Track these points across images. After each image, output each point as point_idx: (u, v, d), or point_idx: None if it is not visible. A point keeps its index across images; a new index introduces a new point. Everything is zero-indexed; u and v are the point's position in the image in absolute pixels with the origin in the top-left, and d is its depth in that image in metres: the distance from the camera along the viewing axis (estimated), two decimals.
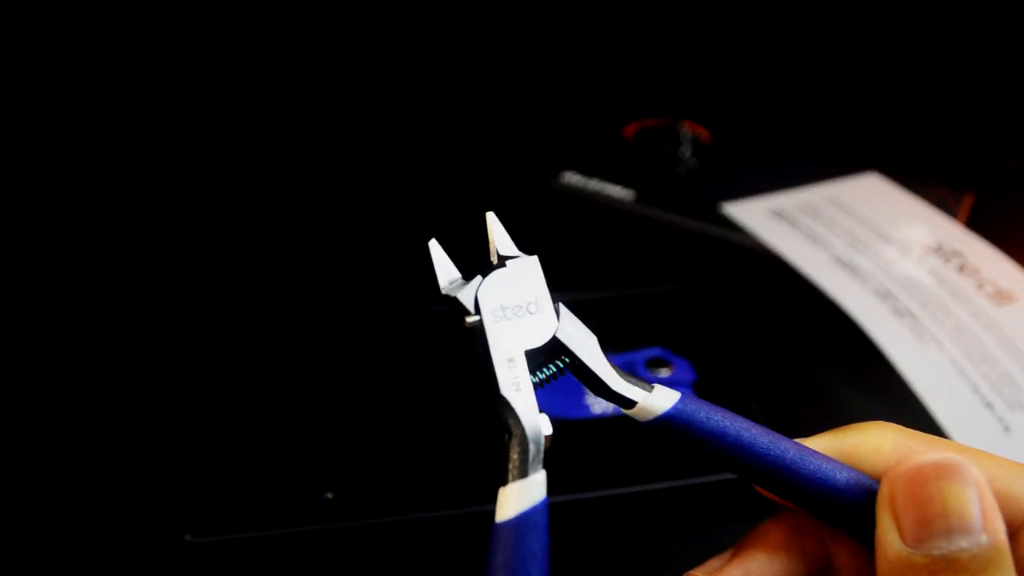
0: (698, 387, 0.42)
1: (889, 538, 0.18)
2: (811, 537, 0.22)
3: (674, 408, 0.20)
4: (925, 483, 0.18)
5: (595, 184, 0.63)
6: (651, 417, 0.20)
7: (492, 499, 0.28)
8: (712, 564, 0.22)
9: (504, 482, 0.19)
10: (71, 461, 0.40)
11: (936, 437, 0.21)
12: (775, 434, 0.21)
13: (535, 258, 0.21)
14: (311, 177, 0.69)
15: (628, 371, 0.22)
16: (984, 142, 0.72)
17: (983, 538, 0.17)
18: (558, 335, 0.21)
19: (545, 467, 0.19)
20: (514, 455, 0.19)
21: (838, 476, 0.20)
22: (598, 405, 0.40)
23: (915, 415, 0.41)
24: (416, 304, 0.49)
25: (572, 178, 0.64)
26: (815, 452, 0.20)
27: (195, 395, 0.43)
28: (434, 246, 0.22)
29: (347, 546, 0.35)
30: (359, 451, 0.38)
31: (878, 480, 0.20)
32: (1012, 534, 0.18)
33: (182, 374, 0.46)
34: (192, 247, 0.59)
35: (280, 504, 0.35)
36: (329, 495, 0.36)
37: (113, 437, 0.42)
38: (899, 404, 0.42)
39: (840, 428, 0.22)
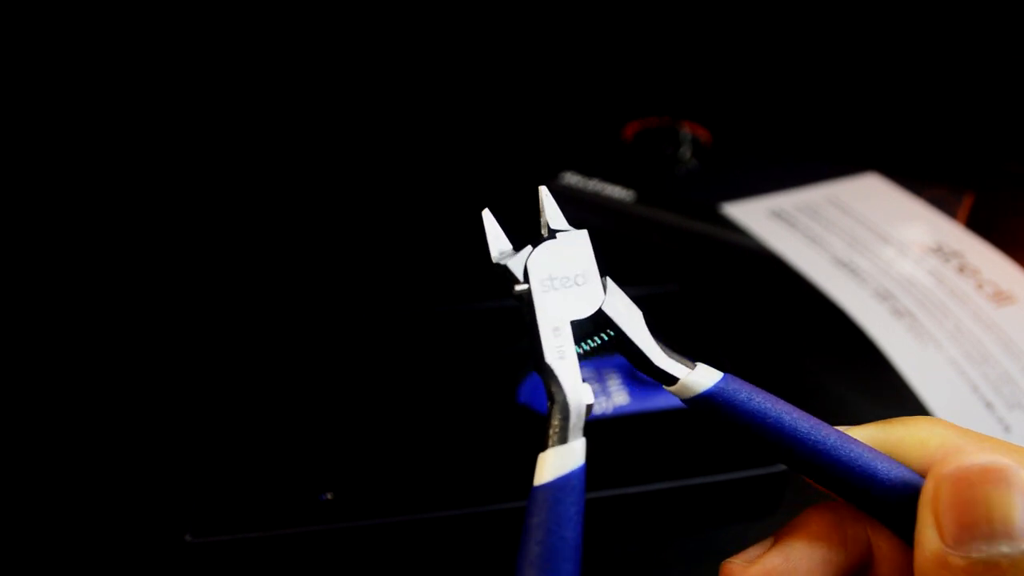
0: None
1: (928, 536, 0.18)
2: (853, 527, 0.22)
3: (716, 387, 0.21)
4: (970, 486, 0.18)
5: (595, 184, 0.63)
6: (692, 395, 0.21)
7: (492, 500, 0.28)
8: (752, 552, 0.22)
9: (543, 447, 0.19)
10: (71, 461, 0.40)
11: (985, 435, 0.20)
12: (816, 420, 0.20)
13: (585, 232, 0.22)
14: (311, 177, 0.69)
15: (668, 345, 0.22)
16: (984, 142, 0.72)
17: None
18: (604, 308, 0.21)
19: (585, 436, 0.20)
20: (555, 421, 0.20)
21: (879, 467, 0.20)
22: (597, 405, 0.40)
23: (915, 415, 0.41)
24: (416, 303, 0.49)
25: (572, 178, 0.64)
26: (856, 441, 0.20)
27: (195, 395, 0.43)
28: (487, 216, 0.22)
29: (347, 546, 0.35)
30: (359, 451, 0.38)
31: (921, 474, 0.20)
32: None
33: (182, 374, 0.46)
34: (193, 247, 0.59)
35: (280, 504, 0.35)
36: (329, 495, 0.36)
37: (113, 437, 0.42)
38: (899, 404, 0.42)
39: (887, 420, 0.21)
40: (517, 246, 0.21)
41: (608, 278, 0.21)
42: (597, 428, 0.39)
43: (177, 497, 0.37)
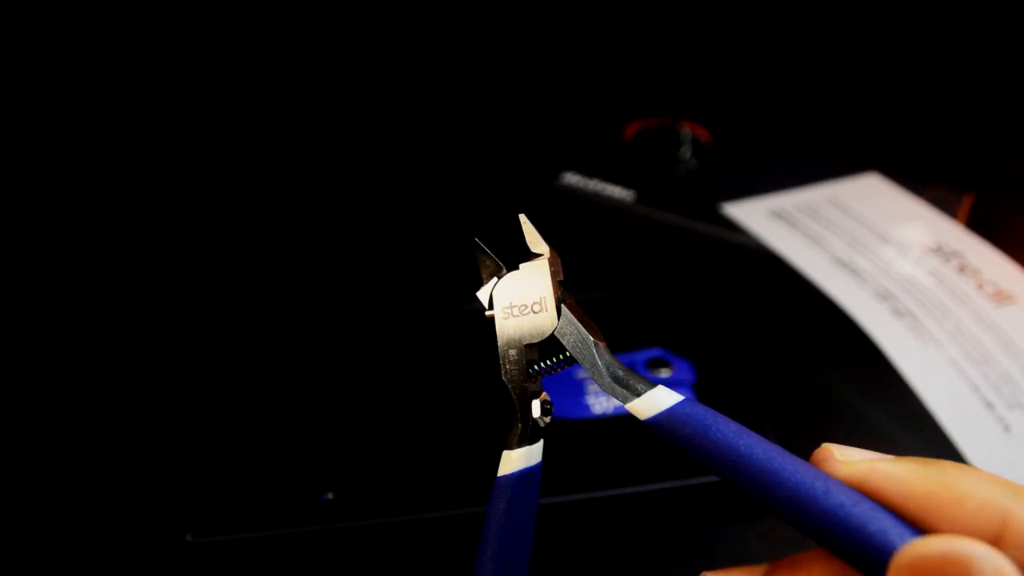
0: (698, 387, 0.42)
1: None
2: None
3: (660, 415, 0.21)
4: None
5: (595, 184, 0.63)
6: (643, 417, 0.21)
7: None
8: (735, 574, 0.20)
9: (507, 448, 0.23)
10: (72, 461, 0.40)
11: None
12: (789, 456, 0.19)
13: (544, 261, 0.24)
14: (312, 178, 0.69)
15: (630, 369, 0.23)
16: (984, 142, 0.72)
17: None
18: (556, 334, 0.23)
19: (542, 439, 0.24)
20: (514, 428, 0.23)
21: (854, 518, 0.17)
22: (598, 405, 0.40)
23: (915, 415, 0.41)
24: (416, 304, 0.49)
25: (572, 179, 0.64)
26: (834, 483, 0.18)
27: (196, 395, 0.43)
28: (477, 245, 0.24)
29: (347, 546, 0.35)
30: (359, 451, 0.38)
31: (938, 530, 0.17)
32: None
33: (183, 374, 0.46)
34: (194, 248, 0.59)
35: (280, 504, 0.35)
36: (329, 495, 0.36)
37: (114, 437, 0.42)
38: (899, 404, 0.42)
39: (925, 461, 0.18)
40: (508, 262, 0.24)
41: (564, 305, 0.23)
42: (598, 428, 0.39)
43: (178, 497, 0.37)
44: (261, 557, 0.34)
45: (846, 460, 0.19)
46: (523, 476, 0.23)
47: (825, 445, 0.19)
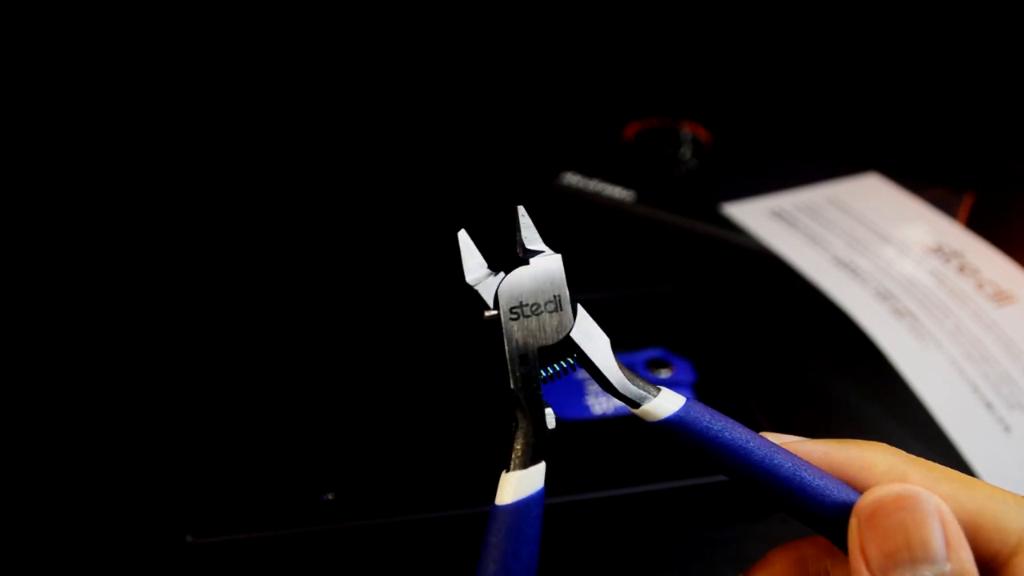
0: (699, 388, 0.42)
1: (858, 568, 0.19)
2: (815, 564, 0.23)
3: (674, 415, 0.21)
4: (887, 515, 0.19)
5: (595, 185, 0.63)
6: (655, 420, 0.21)
7: (492, 501, 0.29)
8: None
9: (507, 468, 0.20)
10: (73, 461, 0.40)
11: (933, 464, 0.21)
12: (774, 446, 0.21)
13: (559, 257, 0.21)
14: (312, 178, 0.69)
15: (634, 372, 0.23)
16: (984, 142, 0.72)
17: (947, 567, 0.18)
18: (572, 335, 0.21)
19: (545, 459, 0.21)
20: (518, 446, 0.21)
21: (829, 493, 0.20)
22: (598, 406, 0.40)
23: (915, 415, 0.41)
24: (417, 305, 0.49)
25: (572, 179, 0.64)
26: (809, 467, 0.21)
27: (197, 396, 0.43)
28: (463, 236, 0.22)
29: (347, 546, 0.35)
30: (359, 452, 0.38)
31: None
32: (1002, 564, 0.19)
33: (184, 375, 0.46)
34: (195, 248, 0.59)
35: (281, 505, 0.35)
36: (329, 496, 0.36)
37: (115, 438, 0.42)
38: (899, 404, 0.42)
39: (840, 440, 0.22)
40: (496, 265, 0.21)
41: (579, 304, 0.22)
42: (598, 428, 0.39)
43: (178, 498, 0.37)
44: (261, 557, 0.34)
45: (782, 443, 0.22)
46: (529, 503, 0.20)
47: (763, 433, 0.22)
